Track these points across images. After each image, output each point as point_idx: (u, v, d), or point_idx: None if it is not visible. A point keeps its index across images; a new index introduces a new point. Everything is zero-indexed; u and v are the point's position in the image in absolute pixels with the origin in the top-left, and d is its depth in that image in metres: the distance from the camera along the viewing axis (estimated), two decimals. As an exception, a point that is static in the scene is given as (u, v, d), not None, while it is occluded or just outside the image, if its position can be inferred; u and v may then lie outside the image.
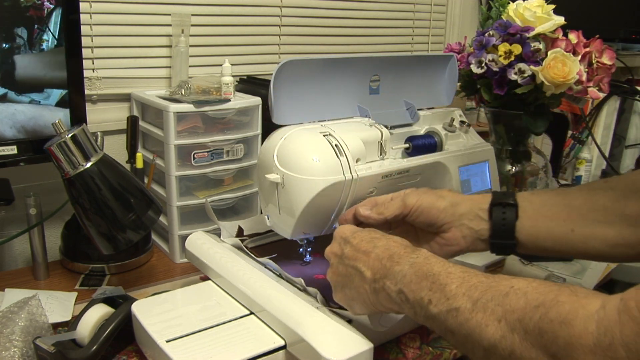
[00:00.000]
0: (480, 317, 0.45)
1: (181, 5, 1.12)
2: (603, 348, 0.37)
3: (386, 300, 0.55)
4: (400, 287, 0.52)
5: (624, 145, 1.51)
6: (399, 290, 0.53)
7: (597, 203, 0.61)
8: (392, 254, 0.55)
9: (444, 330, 0.49)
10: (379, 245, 0.57)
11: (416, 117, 0.87)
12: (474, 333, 0.45)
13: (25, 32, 0.79)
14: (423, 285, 0.51)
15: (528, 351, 0.41)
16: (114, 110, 1.08)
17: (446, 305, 0.48)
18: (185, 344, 0.62)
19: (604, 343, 0.37)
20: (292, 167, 0.68)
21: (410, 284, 0.52)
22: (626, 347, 0.36)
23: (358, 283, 0.57)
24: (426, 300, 0.50)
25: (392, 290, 0.53)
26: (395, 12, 1.50)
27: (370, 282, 0.56)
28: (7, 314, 0.67)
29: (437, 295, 0.49)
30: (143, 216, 0.76)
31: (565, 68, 0.93)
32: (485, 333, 0.44)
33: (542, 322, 0.41)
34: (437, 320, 0.49)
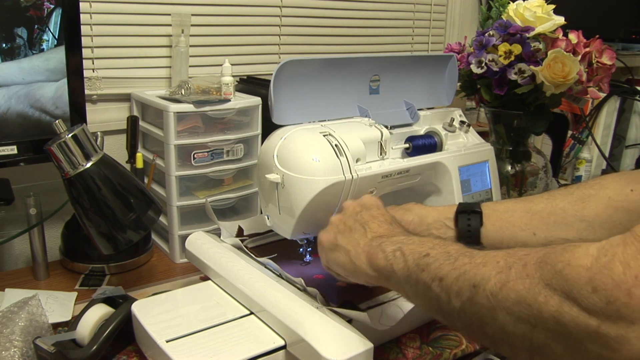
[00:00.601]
0: (478, 260, 0.45)
1: (181, 5, 1.12)
2: (600, 265, 0.35)
3: (373, 259, 0.55)
4: (400, 246, 0.53)
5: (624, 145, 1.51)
6: (396, 249, 0.53)
7: (556, 207, 0.63)
8: (403, 232, 0.58)
9: (432, 278, 0.48)
10: (393, 224, 0.60)
11: (416, 117, 0.87)
12: (467, 273, 0.45)
13: (25, 32, 0.79)
14: (425, 246, 0.51)
15: (522, 281, 0.40)
16: (114, 110, 1.08)
17: (444, 254, 0.48)
18: (185, 344, 0.62)
19: (601, 261, 0.36)
20: (292, 167, 0.68)
21: (412, 244, 0.53)
22: (625, 264, 0.34)
23: (356, 237, 0.59)
24: (424, 253, 0.50)
25: (388, 248, 0.54)
26: (395, 12, 1.50)
27: (369, 239, 0.57)
28: (7, 314, 0.67)
29: (437, 250, 0.50)
30: (143, 216, 0.76)
31: (565, 68, 0.93)
32: (480, 270, 0.44)
33: (545, 256, 0.40)
34: (427, 269, 0.49)
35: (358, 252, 0.57)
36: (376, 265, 0.55)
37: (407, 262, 0.51)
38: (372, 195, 0.68)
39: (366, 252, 0.56)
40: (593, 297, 0.35)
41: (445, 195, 0.83)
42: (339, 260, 0.60)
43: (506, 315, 0.41)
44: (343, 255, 0.59)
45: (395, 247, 0.54)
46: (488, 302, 0.42)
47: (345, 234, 0.60)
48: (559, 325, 0.37)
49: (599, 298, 0.35)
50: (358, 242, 0.58)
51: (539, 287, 0.39)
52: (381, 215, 0.61)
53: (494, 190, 0.88)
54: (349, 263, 0.58)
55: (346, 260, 0.59)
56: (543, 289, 0.38)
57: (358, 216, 0.61)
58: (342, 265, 0.60)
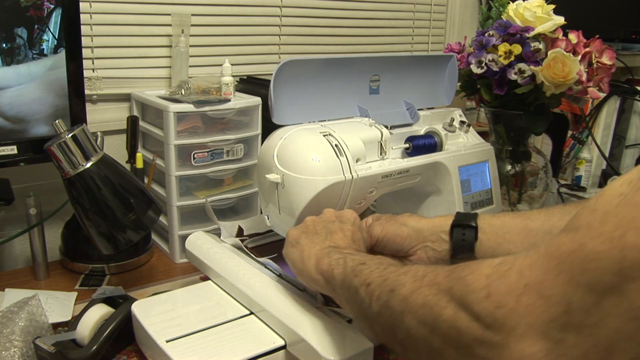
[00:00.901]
0: (403, 269, 0.47)
1: (181, 5, 1.12)
2: (498, 273, 0.36)
3: (320, 263, 0.57)
4: (345, 255, 0.55)
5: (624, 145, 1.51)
6: (341, 257, 0.55)
7: (553, 225, 0.63)
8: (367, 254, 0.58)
9: (361, 283, 0.49)
10: (356, 246, 0.61)
11: (416, 117, 0.87)
12: (389, 279, 0.47)
13: (25, 32, 0.79)
14: (367, 257, 0.54)
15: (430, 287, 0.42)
16: (114, 110, 1.08)
17: (378, 263, 0.50)
18: (185, 344, 0.62)
19: (501, 270, 0.37)
20: (292, 167, 0.68)
21: (357, 255, 0.55)
22: (519, 273, 0.35)
23: (316, 241, 0.60)
24: (361, 261, 0.52)
25: (335, 255, 0.56)
26: (395, 12, 1.50)
27: (325, 246, 0.59)
28: (7, 314, 0.67)
29: (374, 260, 0.52)
30: (143, 216, 0.76)
31: (565, 68, 0.93)
32: (400, 277, 0.46)
33: (458, 267, 0.41)
34: (359, 275, 0.50)
35: (310, 254, 0.59)
36: (320, 269, 0.57)
37: (345, 268, 0.53)
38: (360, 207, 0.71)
39: (317, 255, 0.58)
40: (484, 302, 0.36)
41: (445, 195, 0.83)
42: (293, 256, 0.62)
43: (411, 319, 0.42)
44: (297, 253, 0.61)
45: (341, 255, 0.56)
46: (399, 306, 0.44)
47: (308, 235, 0.62)
48: (452, 330, 0.38)
49: (489, 303, 0.36)
50: (314, 246, 0.60)
51: (442, 294, 0.40)
52: (350, 232, 0.62)
53: (494, 190, 0.88)
54: (300, 262, 0.60)
55: (298, 258, 0.61)
56: (445, 294, 0.40)
57: (329, 224, 0.63)
58: (293, 262, 0.62)
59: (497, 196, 0.88)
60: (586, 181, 1.38)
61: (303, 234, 0.63)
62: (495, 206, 0.88)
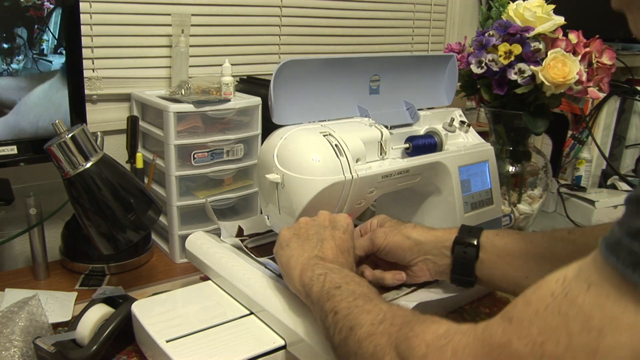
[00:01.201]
0: (369, 306, 0.49)
1: (181, 5, 1.12)
2: (437, 346, 0.39)
3: (303, 274, 0.57)
4: (327, 272, 0.55)
5: (624, 145, 1.51)
6: (322, 273, 0.55)
7: (555, 255, 0.63)
8: (347, 266, 0.59)
9: (330, 309, 0.51)
10: (346, 255, 0.61)
11: (416, 117, 0.87)
12: (352, 314, 0.49)
13: (25, 32, 0.79)
14: (344, 280, 0.54)
15: (382, 336, 0.44)
16: (114, 110, 1.08)
17: (350, 291, 0.51)
18: (185, 344, 0.62)
19: (440, 342, 0.39)
20: (292, 167, 0.68)
21: (336, 274, 0.55)
22: (454, 351, 0.38)
23: (306, 248, 0.61)
24: (337, 285, 0.53)
25: (318, 270, 0.56)
26: (395, 12, 1.50)
27: (312, 256, 0.59)
28: (7, 314, 0.67)
29: (349, 286, 0.52)
30: (143, 216, 0.76)
31: (565, 68, 0.93)
32: (362, 315, 0.48)
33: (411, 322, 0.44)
34: (331, 300, 0.51)
35: (297, 262, 0.59)
36: (303, 281, 0.57)
37: (322, 288, 0.54)
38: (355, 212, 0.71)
39: (302, 265, 0.58)
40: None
41: (445, 195, 0.83)
42: (281, 260, 0.62)
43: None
44: (286, 257, 0.62)
45: (323, 272, 0.56)
46: (354, 347, 0.46)
47: (299, 240, 0.62)
48: None
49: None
50: (302, 253, 0.60)
51: (390, 347, 0.43)
52: (341, 240, 0.62)
53: (494, 190, 0.88)
54: (287, 266, 0.61)
55: (285, 263, 0.61)
56: (392, 349, 0.43)
57: (321, 230, 0.63)
58: (281, 265, 0.62)
59: (497, 196, 0.88)
60: (586, 181, 1.38)
61: (294, 236, 0.63)
62: (495, 206, 0.88)
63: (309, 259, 0.59)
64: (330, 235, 0.62)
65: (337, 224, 0.64)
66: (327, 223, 0.64)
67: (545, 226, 1.22)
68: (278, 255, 0.64)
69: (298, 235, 0.63)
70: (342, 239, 0.63)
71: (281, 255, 0.63)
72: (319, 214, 0.66)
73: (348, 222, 0.65)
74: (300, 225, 0.65)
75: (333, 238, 0.62)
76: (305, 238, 0.63)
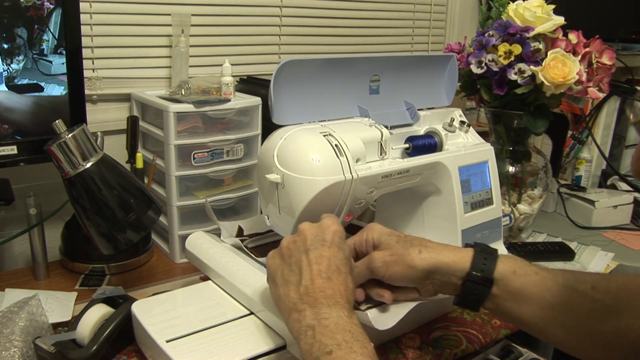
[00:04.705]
0: None
1: (181, 5, 1.12)
2: None
3: (294, 322, 0.54)
4: (314, 325, 0.52)
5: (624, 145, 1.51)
6: (310, 326, 0.52)
7: (573, 309, 0.59)
8: (335, 293, 0.55)
9: None
10: (334, 277, 0.56)
11: (416, 117, 0.87)
12: None
13: (25, 32, 0.79)
14: (337, 337, 0.50)
15: None
16: (114, 110, 1.08)
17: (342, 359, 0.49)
18: (185, 344, 0.62)
19: None
20: (292, 167, 0.68)
21: (326, 329, 0.51)
22: None
23: (289, 284, 0.57)
24: (327, 350, 0.50)
25: (306, 320, 0.53)
26: (395, 12, 1.50)
27: (299, 296, 0.55)
28: (7, 314, 0.67)
29: (340, 353, 0.49)
30: (143, 216, 0.76)
31: (565, 68, 0.93)
32: None
33: None
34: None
35: (285, 306, 0.56)
36: (291, 327, 0.55)
37: (311, 348, 0.51)
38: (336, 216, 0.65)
39: (290, 309, 0.55)
40: None
41: (445, 195, 0.83)
42: (274, 296, 0.60)
43: None
44: (275, 297, 0.59)
45: (312, 322, 0.52)
46: None
47: (285, 271, 0.58)
48: None
49: None
50: (288, 293, 0.56)
51: None
52: (324, 261, 0.57)
53: (494, 191, 0.87)
54: (277, 303, 0.58)
55: (275, 300, 0.59)
56: None
57: (300, 256, 0.58)
58: (274, 301, 0.60)
59: (497, 196, 0.88)
60: (586, 181, 1.38)
61: (280, 267, 0.59)
62: (495, 206, 0.88)
63: (295, 302, 0.55)
64: (306, 263, 0.57)
65: (319, 241, 0.59)
66: (307, 244, 0.58)
67: (545, 226, 1.22)
68: (270, 288, 0.61)
69: (283, 263, 0.59)
70: (326, 257, 0.57)
71: (271, 292, 0.60)
72: (299, 229, 0.61)
73: (333, 232, 0.60)
74: (283, 251, 0.60)
75: (311, 265, 0.56)
76: (289, 267, 0.58)
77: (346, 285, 0.57)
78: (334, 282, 0.56)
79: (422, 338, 0.75)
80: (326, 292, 0.55)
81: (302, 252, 0.58)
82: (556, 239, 1.16)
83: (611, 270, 1.05)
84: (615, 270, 1.05)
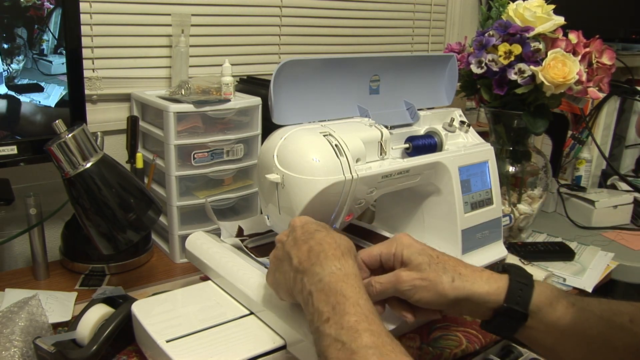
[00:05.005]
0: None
1: (181, 5, 1.12)
2: None
3: (299, 294, 0.56)
4: (312, 290, 0.53)
5: (624, 145, 1.51)
6: (309, 292, 0.53)
7: (610, 343, 0.56)
8: (320, 252, 0.55)
9: (322, 353, 0.49)
10: (315, 237, 0.58)
11: (416, 117, 0.87)
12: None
13: (25, 32, 0.79)
14: (330, 300, 0.51)
15: None
16: (114, 110, 1.08)
17: (337, 333, 0.48)
18: (185, 344, 0.62)
19: None
20: (292, 167, 0.68)
21: (321, 292, 0.52)
22: None
23: (287, 268, 0.58)
24: (324, 317, 0.50)
25: (305, 287, 0.54)
26: (395, 12, 1.50)
27: (294, 269, 0.57)
28: (7, 314, 0.67)
29: (336, 318, 0.49)
30: (143, 216, 0.76)
31: (565, 68, 0.93)
32: None
33: None
34: (324, 339, 0.49)
35: (291, 283, 0.57)
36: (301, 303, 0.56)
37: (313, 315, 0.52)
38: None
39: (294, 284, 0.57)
40: None
41: (445, 196, 0.83)
42: (283, 295, 0.61)
43: None
44: (283, 290, 0.60)
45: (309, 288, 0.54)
46: None
47: (279, 269, 0.60)
48: None
49: None
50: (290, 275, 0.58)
51: None
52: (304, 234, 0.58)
53: (494, 191, 0.87)
54: (291, 294, 0.59)
55: (287, 293, 0.60)
56: None
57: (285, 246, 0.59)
58: (287, 297, 0.61)
59: (497, 196, 0.88)
60: (586, 181, 1.38)
61: (272, 272, 0.62)
62: (495, 206, 0.88)
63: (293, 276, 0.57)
64: (291, 241, 0.59)
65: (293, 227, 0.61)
66: (285, 237, 0.61)
67: (545, 226, 1.22)
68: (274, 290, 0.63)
69: (274, 267, 0.61)
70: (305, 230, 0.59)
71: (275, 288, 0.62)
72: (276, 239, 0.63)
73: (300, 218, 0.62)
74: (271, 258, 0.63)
75: (296, 240, 0.58)
76: (279, 262, 0.60)
77: (330, 237, 0.58)
78: (317, 237, 0.57)
79: (422, 338, 0.75)
80: (313, 250, 0.56)
81: (282, 248, 0.60)
82: (556, 239, 1.16)
83: (612, 270, 1.05)
84: (615, 270, 1.05)
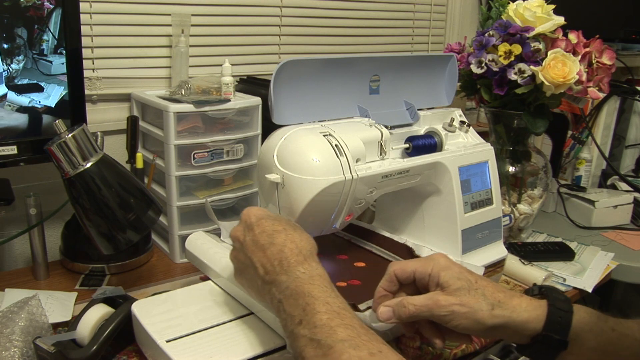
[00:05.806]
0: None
1: (181, 5, 1.12)
2: None
3: (270, 302, 0.57)
4: (281, 298, 0.54)
5: (624, 145, 1.51)
6: (279, 300, 0.54)
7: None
8: (283, 259, 0.56)
9: (299, 354, 0.50)
10: (275, 242, 0.58)
11: (416, 117, 0.87)
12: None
13: (25, 32, 0.79)
14: (299, 303, 0.52)
15: None
16: (114, 110, 1.08)
17: (311, 333, 0.49)
18: (185, 344, 0.62)
19: None
20: (292, 167, 0.68)
21: (290, 298, 0.53)
22: None
23: (252, 276, 0.59)
24: (297, 320, 0.51)
25: (275, 297, 0.55)
26: (395, 12, 1.50)
27: (261, 279, 0.58)
28: (7, 314, 0.67)
29: (308, 318, 0.50)
30: (143, 216, 0.76)
31: (565, 68, 0.93)
32: None
33: None
34: (299, 341, 0.50)
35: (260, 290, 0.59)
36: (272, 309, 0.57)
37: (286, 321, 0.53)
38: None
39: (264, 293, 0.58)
40: None
41: (445, 196, 0.83)
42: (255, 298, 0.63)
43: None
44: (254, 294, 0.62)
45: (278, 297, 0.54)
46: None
47: (244, 274, 0.62)
48: None
49: None
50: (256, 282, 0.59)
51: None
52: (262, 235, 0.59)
53: (494, 191, 0.87)
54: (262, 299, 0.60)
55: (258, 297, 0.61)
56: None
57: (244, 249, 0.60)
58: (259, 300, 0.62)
59: (497, 196, 0.88)
60: (586, 181, 1.38)
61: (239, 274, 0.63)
62: (495, 206, 0.88)
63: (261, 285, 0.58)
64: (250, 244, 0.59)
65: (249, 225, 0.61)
66: (242, 236, 0.61)
67: (545, 226, 1.22)
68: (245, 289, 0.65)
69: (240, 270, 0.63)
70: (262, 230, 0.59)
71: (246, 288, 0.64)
72: (230, 234, 0.63)
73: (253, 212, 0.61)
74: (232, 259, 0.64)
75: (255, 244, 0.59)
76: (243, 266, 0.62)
77: (290, 240, 0.58)
78: (278, 243, 0.57)
79: (422, 338, 0.75)
80: (275, 258, 0.56)
81: (242, 250, 0.61)
82: (556, 239, 1.16)
83: (612, 270, 1.05)
84: (615, 270, 1.05)
